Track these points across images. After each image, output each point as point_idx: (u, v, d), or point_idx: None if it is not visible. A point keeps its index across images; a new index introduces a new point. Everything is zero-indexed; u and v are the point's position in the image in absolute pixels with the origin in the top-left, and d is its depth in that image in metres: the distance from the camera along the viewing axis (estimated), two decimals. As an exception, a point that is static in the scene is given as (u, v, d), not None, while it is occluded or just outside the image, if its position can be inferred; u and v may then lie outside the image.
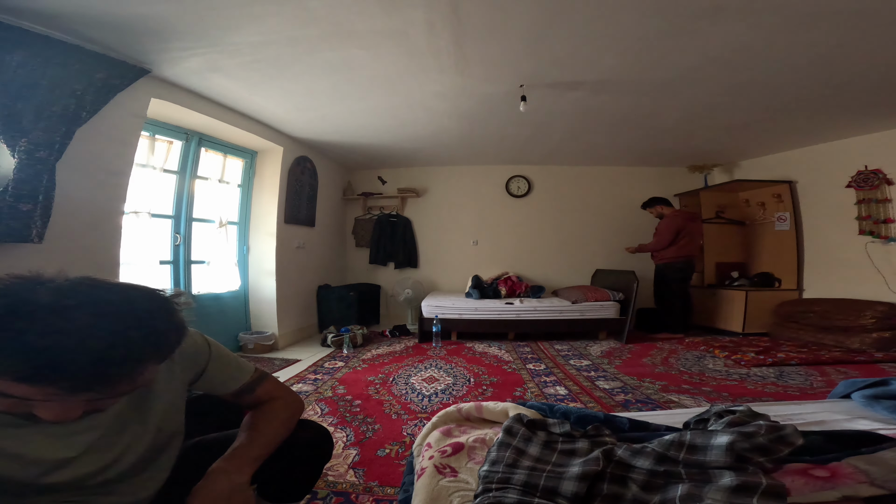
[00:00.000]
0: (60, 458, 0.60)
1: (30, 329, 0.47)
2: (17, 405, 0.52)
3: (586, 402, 2.19)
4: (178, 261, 2.89)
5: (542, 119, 3.21)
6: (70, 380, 0.49)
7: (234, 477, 0.70)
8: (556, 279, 4.77)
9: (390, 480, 1.40)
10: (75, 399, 0.53)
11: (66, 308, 0.50)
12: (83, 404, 0.55)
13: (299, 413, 0.91)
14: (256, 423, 0.82)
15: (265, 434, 0.80)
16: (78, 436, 0.62)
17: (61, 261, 1.92)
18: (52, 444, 0.59)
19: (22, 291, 0.50)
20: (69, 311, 0.50)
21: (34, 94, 1.71)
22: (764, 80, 2.43)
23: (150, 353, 0.55)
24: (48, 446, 0.59)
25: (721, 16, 1.77)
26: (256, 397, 0.86)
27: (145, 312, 0.55)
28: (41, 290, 0.51)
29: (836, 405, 1.20)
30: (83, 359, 0.49)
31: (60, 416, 0.53)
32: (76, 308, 0.50)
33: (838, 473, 0.68)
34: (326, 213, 4.47)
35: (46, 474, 0.59)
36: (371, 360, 3.05)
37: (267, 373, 0.91)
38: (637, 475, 0.74)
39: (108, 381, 0.52)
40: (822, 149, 3.73)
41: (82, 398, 0.53)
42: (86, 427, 0.62)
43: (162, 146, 2.70)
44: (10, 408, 0.53)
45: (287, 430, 0.85)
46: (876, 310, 3.14)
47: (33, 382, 0.49)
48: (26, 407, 0.52)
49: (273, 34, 1.93)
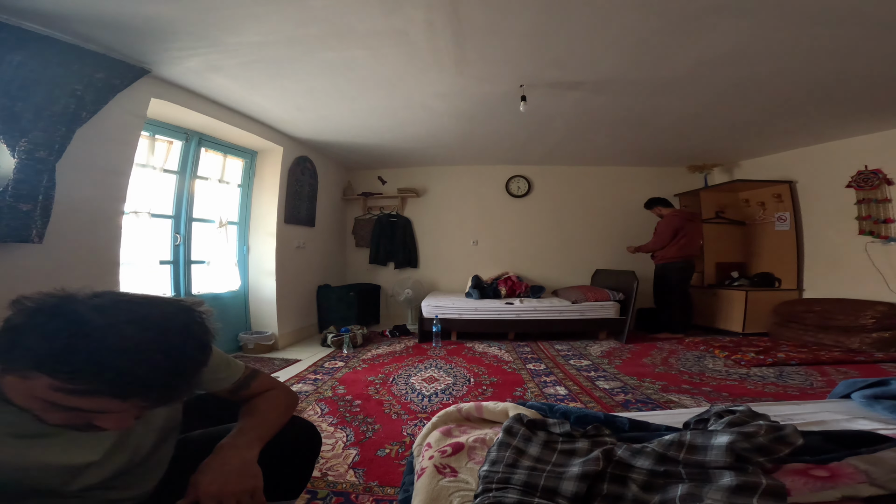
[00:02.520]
0: (86, 462, 0.62)
1: (102, 347, 0.50)
2: (77, 417, 0.54)
3: (586, 402, 2.19)
4: (178, 261, 2.89)
5: (542, 119, 3.21)
6: (151, 393, 0.54)
7: (243, 452, 0.71)
8: (556, 279, 4.78)
9: (390, 480, 1.40)
10: (140, 411, 0.56)
11: (118, 325, 0.52)
12: (140, 412, 0.58)
13: (295, 403, 0.92)
14: (257, 406, 0.83)
15: (267, 415, 0.82)
16: (98, 440, 0.63)
17: (61, 261, 1.92)
18: (76, 451, 0.61)
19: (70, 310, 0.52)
20: (122, 328, 0.52)
21: (34, 94, 1.71)
22: (764, 79, 2.43)
23: (202, 362, 0.60)
24: (72, 453, 0.61)
25: (721, 16, 1.77)
26: (252, 392, 0.87)
27: (192, 325, 0.59)
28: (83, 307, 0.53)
29: (836, 405, 1.20)
30: (159, 373, 0.53)
31: (120, 425, 0.56)
32: (128, 324, 0.53)
33: (838, 473, 0.68)
34: (326, 213, 4.47)
35: (72, 480, 0.61)
36: (371, 360, 3.05)
37: (258, 370, 0.92)
38: (637, 475, 0.74)
39: (176, 391, 0.58)
40: (822, 149, 3.73)
41: (150, 408, 0.57)
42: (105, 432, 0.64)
43: (162, 146, 2.70)
44: (69, 420, 0.54)
45: (286, 415, 0.86)
46: (876, 310, 3.14)
47: (121, 398, 0.52)
48: (88, 418, 0.54)
49: (273, 34, 1.93)
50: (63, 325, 0.50)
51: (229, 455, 0.70)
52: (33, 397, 0.51)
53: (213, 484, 0.65)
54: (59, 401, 0.51)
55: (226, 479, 0.66)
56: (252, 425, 0.78)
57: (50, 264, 1.86)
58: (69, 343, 0.49)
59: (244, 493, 0.66)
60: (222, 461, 0.69)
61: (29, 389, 0.51)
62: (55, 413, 0.52)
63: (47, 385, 0.49)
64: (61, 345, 0.49)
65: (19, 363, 0.50)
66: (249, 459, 0.71)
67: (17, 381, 0.51)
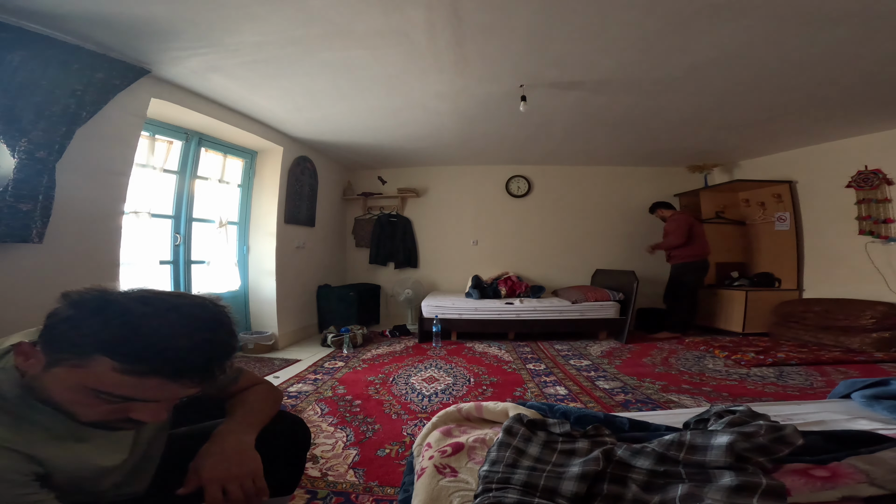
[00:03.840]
0: (115, 463, 0.65)
1: (156, 332, 0.55)
2: (116, 410, 0.56)
3: (586, 402, 2.19)
4: (178, 261, 2.89)
5: (542, 119, 3.21)
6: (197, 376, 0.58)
7: (242, 437, 0.72)
8: (556, 279, 4.77)
9: (390, 480, 1.40)
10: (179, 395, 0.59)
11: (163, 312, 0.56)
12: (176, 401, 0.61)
13: (281, 397, 0.94)
14: (246, 397, 0.85)
15: (258, 404, 0.84)
16: (122, 440, 0.66)
17: (61, 261, 1.92)
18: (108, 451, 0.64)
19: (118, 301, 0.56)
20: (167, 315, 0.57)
21: (34, 94, 1.71)
22: (764, 79, 2.42)
23: (235, 347, 0.64)
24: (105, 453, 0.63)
25: (720, 15, 1.77)
26: (240, 388, 0.88)
27: (222, 314, 0.63)
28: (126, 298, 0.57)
29: (836, 405, 1.20)
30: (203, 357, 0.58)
31: (156, 417, 0.59)
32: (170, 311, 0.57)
33: (838, 473, 0.68)
34: (326, 213, 4.47)
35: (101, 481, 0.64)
36: (371, 360, 3.05)
37: (243, 367, 0.94)
38: (637, 475, 0.74)
39: (214, 375, 0.60)
40: (822, 149, 3.73)
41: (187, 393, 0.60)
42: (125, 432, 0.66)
43: (162, 146, 2.70)
44: (107, 414, 0.56)
45: (275, 406, 0.89)
46: (876, 310, 3.14)
47: (174, 379, 0.56)
48: (125, 412, 0.57)
49: (273, 34, 1.93)
50: (118, 312, 0.54)
51: (228, 440, 0.71)
52: (80, 388, 0.54)
53: (216, 469, 0.66)
54: (114, 387, 0.54)
55: (228, 464, 0.67)
56: (246, 412, 0.80)
57: (50, 264, 1.86)
58: (130, 328, 0.53)
59: (246, 476, 0.67)
60: (222, 446, 0.69)
61: (80, 379, 0.53)
62: (95, 407, 0.55)
63: (109, 368, 0.52)
64: (123, 329, 0.53)
65: (81, 349, 0.53)
66: (248, 443, 0.72)
67: (68, 371, 0.53)
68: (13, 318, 1.71)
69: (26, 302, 1.77)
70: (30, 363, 0.55)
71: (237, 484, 0.66)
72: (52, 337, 0.55)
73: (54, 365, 0.54)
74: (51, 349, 0.54)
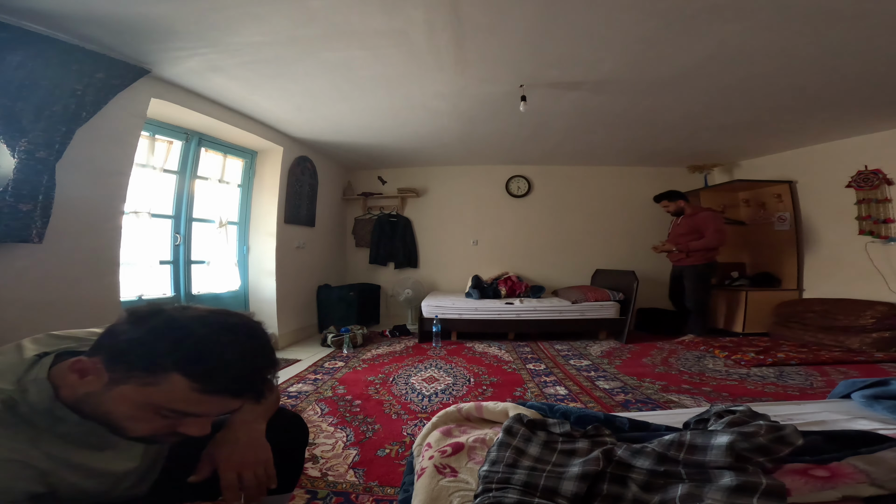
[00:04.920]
0: (127, 469, 0.66)
1: (230, 348, 0.57)
2: (168, 426, 0.58)
3: (586, 402, 2.19)
4: (178, 261, 2.89)
5: (542, 119, 3.21)
6: (253, 392, 0.60)
7: (253, 426, 0.74)
8: (556, 279, 4.77)
9: (390, 480, 1.40)
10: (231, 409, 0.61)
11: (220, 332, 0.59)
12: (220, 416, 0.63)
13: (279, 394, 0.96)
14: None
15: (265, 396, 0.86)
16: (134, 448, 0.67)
17: (61, 261, 1.92)
18: (122, 459, 0.65)
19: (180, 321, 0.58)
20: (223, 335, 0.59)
21: (34, 94, 1.71)
22: (764, 79, 2.43)
23: (276, 363, 0.66)
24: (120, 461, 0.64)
25: (720, 15, 1.77)
26: None
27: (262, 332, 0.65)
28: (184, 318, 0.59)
29: (836, 405, 1.20)
30: (258, 373, 0.60)
31: (202, 431, 0.61)
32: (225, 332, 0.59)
33: (838, 473, 0.68)
34: (326, 213, 4.47)
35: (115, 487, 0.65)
36: (371, 360, 3.05)
37: None
38: (637, 475, 0.74)
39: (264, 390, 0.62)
40: (822, 149, 3.73)
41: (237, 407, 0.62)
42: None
43: (162, 146, 2.70)
44: (157, 429, 0.58)
45: (278, 397, 0.90)
46: (876, 310, 3.14)
47: (238, 396, 0.59)
48: (174, 426, 0.58)
49: (273, 34, 1.93)
50: (188, 332, 0.56)
51: (240, 429, 0.72)
52: (145, 405, 0.55)
53: (232, 456, 0.68)
54: (181, 404, 0.55)
55: (242, 452, 0.69)
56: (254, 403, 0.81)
57: (50, 264, 1.86)
58: (202, 348, 0.56)
59: (259, 464, 0.69)
60: (236, 434, 0.71)
61: (149, 396, 0.55)
62: (150, 423, 0.57)
63: (184, 386, 0.54)
64: (196, 350, 0.55)
65: (155, 368, 0.54)
66: (260, 432, 0.74)
67: (136, 389, 0.55)
68: (13, 318, 1.71)
69: (26, 302, 1.77)
70: (88, 380, 0.56)
71: (251, 471, 0.68)
72: (122, 355, 0.55)
73: (122, 382, 0.55)
74: (120, 367, 0.55)
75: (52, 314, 1.84)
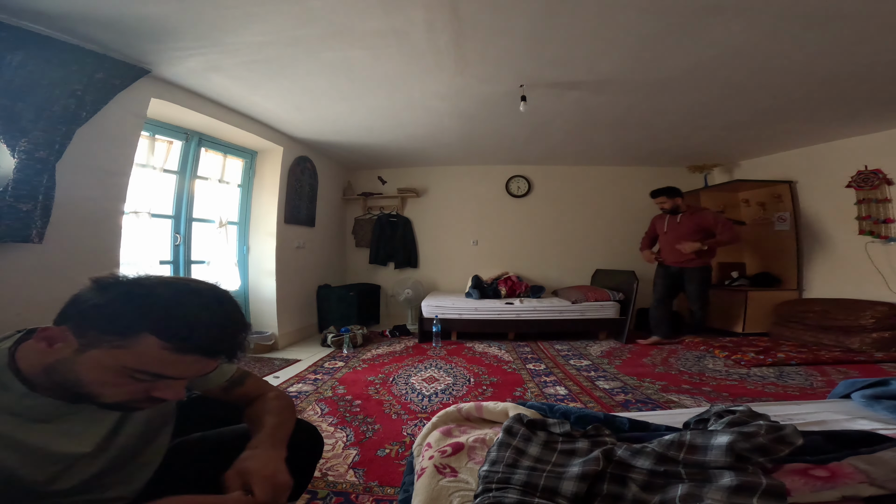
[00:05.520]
0: (79, 452, 0.61)
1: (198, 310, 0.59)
2: (141, 390, 0.58)
3: (586, 402, 2.19)
4: (178, 261, 2.89)
5: (542, 119, 3.21)
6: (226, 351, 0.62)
7: (274, 452, 0.72)
8: (556, 279, 4.77)
9: (390, 480, 1.40)
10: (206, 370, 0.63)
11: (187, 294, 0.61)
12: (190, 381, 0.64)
13: (295, 406, 0.93)
14: (268, 410, 0.82)
15: (282, 417, 0.82)
16: (94, 430, 0.63)
17: (61, 261, 1.92)
18: (70, 440, 0.60)
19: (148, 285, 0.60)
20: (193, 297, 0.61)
21: (34, 94, 1.71)
22: (764, 79, 2.42)
23: (248, 326, 0.68)
24: (66, 441, 0.60)
25: (720, 15, 1.77)
26: (246, 391, 0.87)
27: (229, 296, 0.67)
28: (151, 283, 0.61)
29: (836, 405, 1.20)
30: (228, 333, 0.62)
31: (177, 395, 0.62)
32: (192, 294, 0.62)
33: (838, 473, 0.68)
34: (326, 213, 4.47)
35: (62, 473, 0.60)
36: (371, 360, 3.05)
37: (248, 370, 0.92)
38: (637, 475, 0.74)
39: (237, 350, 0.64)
40: (822, 149, 3.73)
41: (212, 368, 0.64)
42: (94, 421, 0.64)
43: (162, 146, 2.70)
44: (132, 395, 0.58)
45: (294, 417, 0.87)
46: (876, 310, 3.14)
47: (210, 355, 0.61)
48: (148, 391, 0.59)
49: (273, 34, 1.93)
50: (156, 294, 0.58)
51: (264, 454, 0.70)
52: (116, 369, 0.56)
53: (266, 469, 0.66)
54: (153, 365, 0.56)
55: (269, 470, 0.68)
56: (275, 425, 0.79)
57: (50, 264, 1.86)
58: (171, 309, 0.57)
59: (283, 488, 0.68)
60: (259, 462, 0.68)
61: (120, 359, 0.55)
62: (123, 386, 0.57)
63: (155, 346, 0.56)
64: (166, 310, 0.57)
65: (125, 330, 0.55)
66: (281, 459, 0.72)
67: (106, 352, 0.55)
68: (13, 317, 1.71)
69: (26, 302, 1.77)
70: (56, 347, 0.56)
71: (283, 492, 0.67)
72: (90, 320, 0.56)
73: (92, 347, 0.55)
74: (88, 332, 0.56)
75: (52, 314, 1.82)
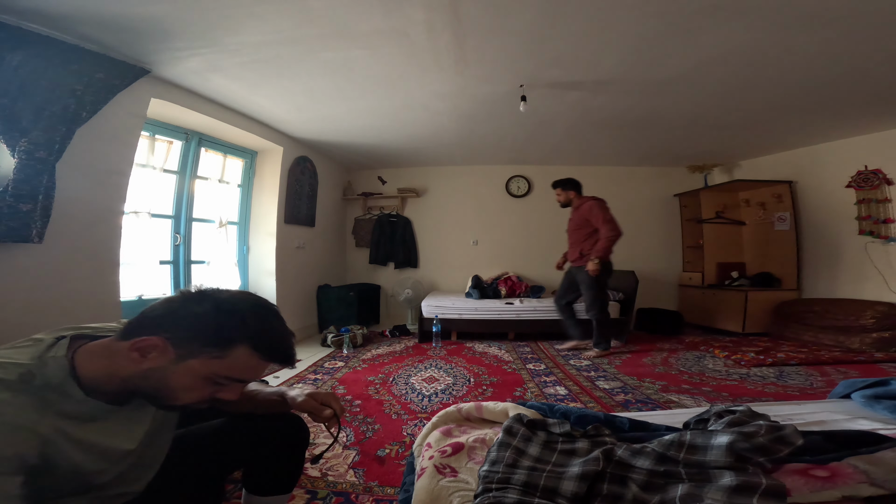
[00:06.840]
0: (125, 449, 0.66)
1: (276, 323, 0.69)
2: (213, 391, 0.65)
3: (586, 402, 2.18)
4: (178, 261, 2.89)
5: (542, 119, 3.21)
6: (292, 360, 0.71)
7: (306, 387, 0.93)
8: (556, 279, 4.74)
9: (390, 480, 1.40)
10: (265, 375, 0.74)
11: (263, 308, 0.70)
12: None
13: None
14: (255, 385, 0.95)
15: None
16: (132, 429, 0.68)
17: (61, 261, 1.92)
18: (120, 438, 0.65)
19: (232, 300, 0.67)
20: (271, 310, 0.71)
21: (34, 94, 1.71)
22: (764, 79, 2.42)
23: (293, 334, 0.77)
24: (118, 439, 0.65)
25: (720, 16, 1.77)
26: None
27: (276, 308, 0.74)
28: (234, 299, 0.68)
29: (836, 405, 1.20)
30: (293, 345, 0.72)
31: (236, 395, 0.68)
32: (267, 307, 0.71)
33: (838, 473, 0.68)
34: (326, 213, 4.47)
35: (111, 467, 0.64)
36: (371, 360, 3.05)
37: None
38: (637, 475, 0.74)
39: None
40: (822, 149, 3.73)
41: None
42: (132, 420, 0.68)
43: (162, 146, 2.70)
44: (204, 396, 0.65)
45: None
46: (876, 310, 3.14)
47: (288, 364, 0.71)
48: (217, 392, 0.65)
49: (273, 34, 1.93)
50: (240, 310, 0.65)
51: (301, 388, 0.91)
52: (207, 376, 0.63)
53: (320, 391, 0.84)
54: (240, 372, 0.65)
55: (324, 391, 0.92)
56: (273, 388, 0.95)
57: (50, 264, 1.86)
58: (262, 323, 0.66)
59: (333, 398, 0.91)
60: (304, 388, 0.91)
61: (214, 368, 0.62)
62: (201, 390, 0.64)
63: (248, 356, 0.64)
64: (258, 325, 0.66)
65: (225, 342, 0.62)
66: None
67: (204, 362, 0.62)
68: (13, 318, 1.71)
69: (26, 302, 1.77)
70: (151, 357, 0.60)
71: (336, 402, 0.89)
72: (192, 331, 0.62)
73: (191, 357, 0.61)
74: (190, 343, 0.61)
75: (52, 314, 1.84)
